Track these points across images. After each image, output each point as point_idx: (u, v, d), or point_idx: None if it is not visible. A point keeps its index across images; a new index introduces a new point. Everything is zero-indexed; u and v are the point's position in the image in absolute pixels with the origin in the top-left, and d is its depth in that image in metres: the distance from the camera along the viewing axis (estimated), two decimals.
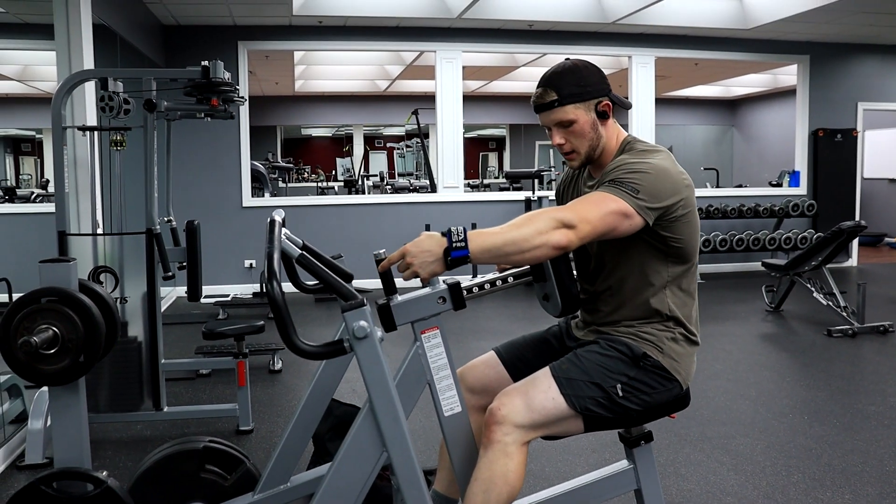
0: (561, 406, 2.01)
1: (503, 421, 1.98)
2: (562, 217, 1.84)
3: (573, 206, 1.90)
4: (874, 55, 9.90)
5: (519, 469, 1.99)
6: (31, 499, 2.11)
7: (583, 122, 2.08)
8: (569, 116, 2.07)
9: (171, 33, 8.15)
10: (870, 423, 3.99)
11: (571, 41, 8.89)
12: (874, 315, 6.38)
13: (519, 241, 1.82)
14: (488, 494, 1.96)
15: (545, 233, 1.82)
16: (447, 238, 1.81)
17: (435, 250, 1.82)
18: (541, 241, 1.82)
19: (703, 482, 3.27)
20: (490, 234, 1.84)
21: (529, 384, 2.05)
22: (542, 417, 2.01)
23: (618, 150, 2.15)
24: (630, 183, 1.93)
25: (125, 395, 4.00)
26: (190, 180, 7.96)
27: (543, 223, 1.83)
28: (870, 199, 12.36)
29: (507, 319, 6.82)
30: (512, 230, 1.84)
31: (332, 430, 3.21)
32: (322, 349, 1.78)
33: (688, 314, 2.15)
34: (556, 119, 2.09)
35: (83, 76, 4.01)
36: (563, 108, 2.06)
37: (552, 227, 1.83)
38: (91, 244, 4.07)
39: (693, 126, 16.08)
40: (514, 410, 1.99)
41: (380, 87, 13.99)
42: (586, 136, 2.09)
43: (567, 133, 2.10)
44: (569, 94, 2.06)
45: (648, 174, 1.96)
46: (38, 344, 1.96)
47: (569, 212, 1.86)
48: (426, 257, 1.82)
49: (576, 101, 2.07)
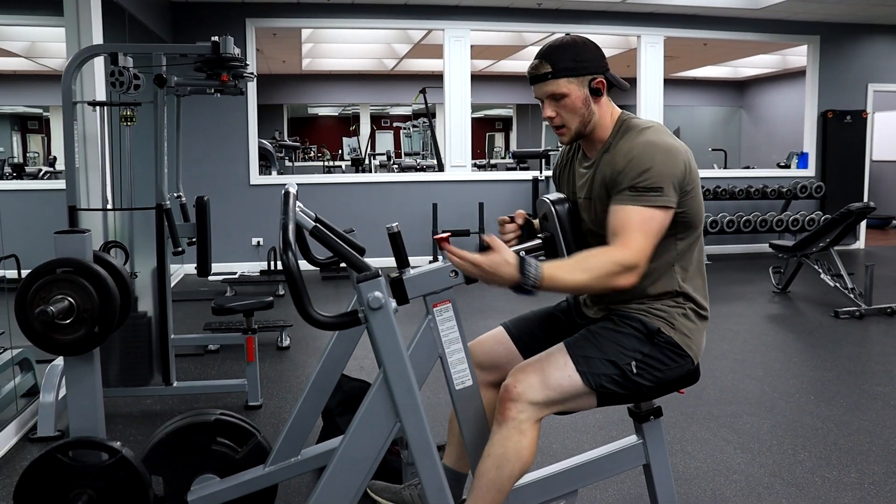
0: (577, 383, 2.03)
1: (518, 398, 2.00)
2: (623, 261, 1.93)
3: (626, 240, 1.95)
4: (885, 36, 9.82)
5: (532, 446, 2.01)
6: (48, 467, 2.13)
7: (575, 97, 2.08)
8: (561, 90, 2.07)
9: (178, 10, 8.12)
10: (876, 404, 4.00)
11: (580, 20, 8.84)
12: (881, 297, 6.38)
13: (585, 288, 1.99)
14: (501, 470, 1.99)
15: (610, 279, 1.94)
16: (522, 275, 1.87)
17: (506, 279, 1.89)
18: (608, 285, 1.95)
19: (709, 460, 3.28)
20: (560, 279, 1.91)
21: (545, 361, 2.06)
22: (558, 394, 2.02)
23: (613, 130, 2.14)
24: (653, 187, 1.97)
25: (135, 370, 4.03)
26: (198, 157, 7.97)
27: (607, 270, 1.93)
28: (878, 182, 12.30)
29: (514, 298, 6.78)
30: (579, 273, 1.92)
31: (342, 404, 3.24)
32: (336, 319, 1.79)
33: (697, 289, 2.16)
34: (548, 91, 2.09)
35: (94, 51, 4.01)
36: (557, 80, 2.07)
37: (615, 273, 1.93)
38: (101, 219, 4.09)
39: (701, 107, 16.00)
40: (530, 387, 2.01)
41: (387, 66, 13.93)
42: (577, 111, 2.09)
43: (558, 106, 2.10)
44: (563, 67, 2.06)
45: (658, 163, 1.98)
46: (55, 314, 1.98)
47: (627, 251, 1.94)
48: (495, 280, 1.89)
49: (569, 76, 2.06)
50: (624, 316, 2.14)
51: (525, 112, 16.55)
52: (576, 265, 1.93)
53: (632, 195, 1.98)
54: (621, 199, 1.99)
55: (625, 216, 1.97)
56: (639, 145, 2.02)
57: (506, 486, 2.01)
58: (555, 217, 2.00)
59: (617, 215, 1.99)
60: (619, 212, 1.99)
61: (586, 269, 1.92)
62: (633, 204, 1.97)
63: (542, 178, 8.72)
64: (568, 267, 1.93)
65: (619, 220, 1.98)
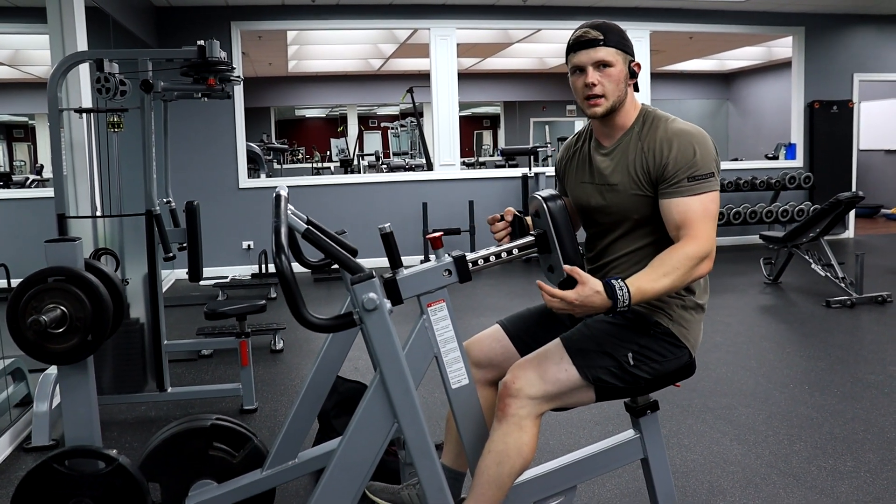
0: (573, 377, 2.03)
1: (517, 394, 2.01)
2: (697, 254, 1.98)
3: (694, 232, 2.00)
4: (869, 26, 9.87)
5: (532, 442, 2.02)
6: (44, 477, 2.12)
7: (619, 71, 2.12)
8: (610, 58, 2.10)
9: (163, 14, 8.09)
10: (870, 392, 4.01)
11: (565, 16, 8.84)
12: (872, 285, 6.41)
13: (672, 289, 1.99)
14: (501, 467, 1.99)
15: (690, 274, 1.98)
16: (613, 300, 1.90)
17: (599, 308, 1.92)
18: (690, 281, 2.01)
19: (706, 452, 3.29)
20: (648, 290, 1.95)
21: (542, 356, 2.07)
22: (556, 389, 2.03)
23: (637, 117, 2.18)
24: (705, 174, 2.03)
25: (129, 377, 4.01)
26: (186, 162, 7.94)
27: (686, 266, 1.97)
28: (866, 171, 12.37)
29: (506, 295, 6.83)
30: (662, 279, 1.96)
31: (337, 406, 3.23)
32: (332, 322, 1.78)
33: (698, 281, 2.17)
34: (596, 57, 2.10)
35: (79, 57, 3.98)
36: (608, 48, 2.10)
37: (693, 267, 1.98)
38: (91, 226, 4.07)
39: (688, 100, 16.04)
40: (529, 383, 2.02)
41: (373, 67, 13.91)
42: (619, 84, 2.12)
43: (602, 75, 2.11)
44: (614, 40, 2.11)
45: (700, 149, 2.05)
46: (47, 323, 1.97)
47: (698, 242, 1.99)
48: (589, 311, 1.94)
49: (619, 48, 2.11)
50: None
51: (512, 109, 16.55)
52: (656, 271, 1.96)
53: (689, 185, 2.02)
54: (678, 191, 2.03)
55: (686, 208, 2.02)
56: (676, 135, 2.07)
57: (506, 482, 2.01)
58: (547, 213, 2.00)
59: (678, 208, 2.03)
60: (679, 205, 2.02)
61: (667, 273, 1.96)
62: (692, 194, 2.02)
63: (532, 175, 8.73)
64: (650, 277, 1.96)
65: (681, 213, 2.02)
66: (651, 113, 2.18)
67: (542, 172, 8.69)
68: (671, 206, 2.04)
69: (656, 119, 2.15)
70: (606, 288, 1.90)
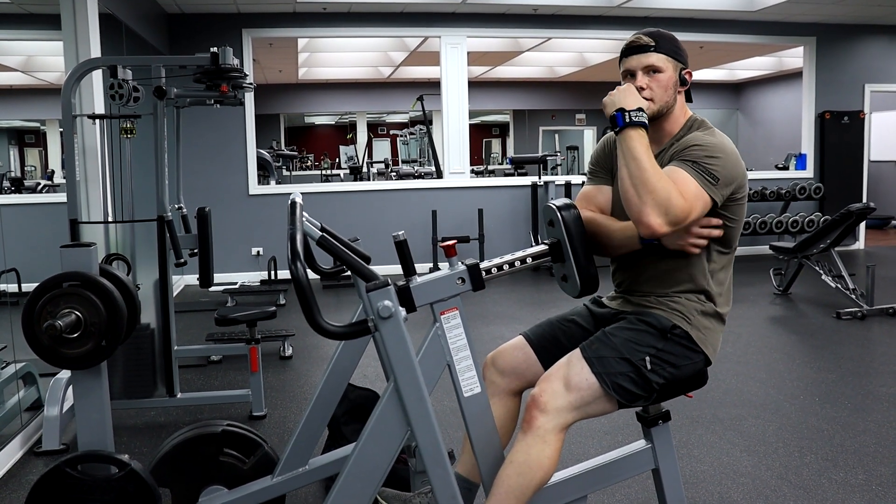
0: (594, 385, 2.04)
1: (544, 407, 2.01)
2: (673, 206, 1.91)
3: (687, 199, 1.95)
4: (881, 36, 9.85)
5: (555, 456, 2.02)
6: (57, 481, 2.13)
7: (668, 77, 2.15)
8: (660, 64, 2.14)
9: (174, 22, 8.14)
10: (881, 405, 3.99)
11: (577, 25, 8.86)
12: (883, 297, 6.38)
13: (642, 174, 1.93)
14: (522, 478, 1.99)
15: (652, 200, 1.91)
16: (637, 109, 2.01)
17: (624, 100, 2.02)
18: (643, 201, 1.92)
19: (716, 463, 3.28)
20: (643, 147, 1.96)
21: (565, 367, 2.08)
22: (580, 400, 2.04)
23: (685, 125, 2.21)
24: (713, 174, 2.01)
25: (139, 382, 4.02)
26: (196, 168, 7.97)
27: (663, 194, 1.91)
28: (877, 182, 12.32)
29: (515, 304, 6.83)
30: (653, 166, 1.94)
31: (348, 413, 3.22)
32: (347, 329, 1.79)
33: (720, 290, 2.19)
34: (647, 62, 2.14)
35: (93, 64, 4.01)
36: (659, 54, 2.15)
37: (659, 206, 1.91)
38: (103, 232, 4.08)
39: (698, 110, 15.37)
40: (555, 395, 2.02)
41: (383, 74, 13.95)
42: (667, 91, 2.15)
43: (651, 80, 2.15)
44: (665, 47, 2.16)
45: (725, 160, 2.04)
46: (62, 328, 1.97)
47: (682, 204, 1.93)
48: (617, 97, 2.04)
49: (670, 55, 2.16)
50: (640, 313, 2.16)
51: (522, 117, 16.56)
52: (655, 164, 1.96)
53: (693, 167, 2.01)
54: (683, 166, 2.02)
55: (684, 179, 1.99)
56: (713, 141, 2.08)
57: (526, 494, 2.01)
58: (561, 223, 2.00)
59: (677, 174, 2.00)
60: (680, 173, 2.00)
61: (657, 169, 1.95)
62: (693, 176, 2.00)
63: (541, 184, 8.73)
64: (650, 157, 1.96)
65: (677, 178, 1.99)
66: (698, 121, 2.21)
67: (552, 181, 8.70)
68: (671, 170, 2.02)
69: (702, 127, 2.18)
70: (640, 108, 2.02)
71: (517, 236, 8.85)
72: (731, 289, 2.24)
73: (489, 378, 2.33)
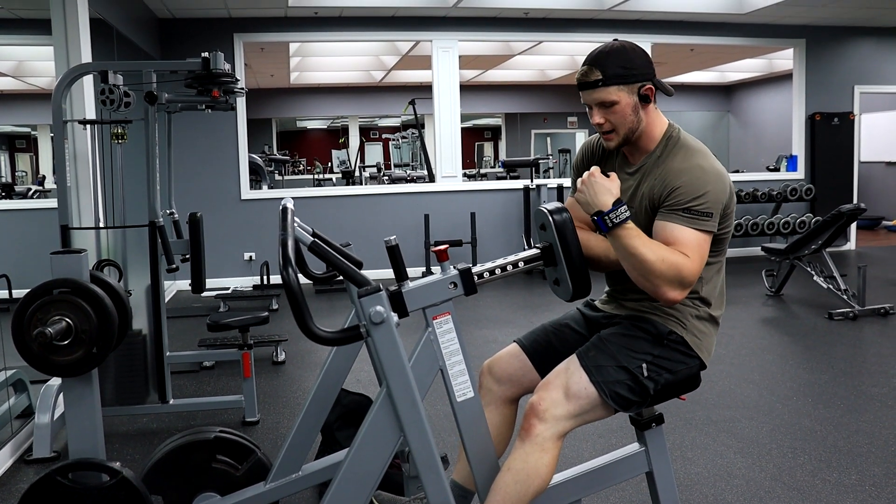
0: (592, 394, 2.04)
1: (543, 415, 2.01)
2: (686, 275, 1.95)
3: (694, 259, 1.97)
4: (870, 38, 9.89)
5: (552, 464, 2.02)
6: (48, 490, 2.11)
7: (624, 105, 2.08)
8: (611, 97, 2.07)
9: (166, 26, 8.12)
10: (874, 405, 4.00)
11: (567, 29, 8.88)
12: (875, 297, 6.41)
13: (644, 265, 1.94)
14: (519, 486, 1.99)
15: (664, 281, 1.94)
16: (614, 206, 1.97)
17: (597, 201, 1.99)
18: (657, 285, 1.95)
19: (710, 465, 3.28)
20: (635, 238, 1.96)
21: (564, 375, 2.08)
22: (578, 408, 2.04)
23: (662, 140, 2.15)
24: (706, 212, 2.00)
25: (131, 389, 4.00)
26: (188, 173, 7.94)
27: (671, 272, 1.94)
28: (867, 183, 12.37)
29: (508, 308, 6.82)
30: (650, 250, 1.95)
31: (341, 419, 3.21)
32: (338, 335, 1.78)
33: (713, 294, 2.18)
34: (598, 98, 2.09)
35: (84, 69, 4.00)
36: (607, 88, 2.06)
37: (673, 281, 1.94)
38: (94, 238, 4.07)
39: (689, 112, 16.07)
40: (554, 404, 2.03)
41: (375, 78, 13.95)
42: (627, 118, 2.09)
43: (608, 113, 2.10)
44: (614, 74, 2.06)
45: (711, 190, 2.01)
46: (53, 335, 1.96)
47: (692, 267, 1.96)
48: (590, 197, 2.01)
49: (620, 83, 2.06)
50: (635, 318, 2.16)
51: (514, 120, 16.58)
52: (653, 244, 1.97)
53: (685, 217, 1.99)
54: (675, 218, 2.00)
55: (681, 235, 1.99)
56: (693, 169, 2.04)
57: (523, 502, 2.01)
58: (553, 226, 2.00)
59: (672, 232, 1.99)
60: (675, 229, 1.99)
61: (657, 253, 1.94)
62: (688, 226, 1.99)
63: (533, 187, 8.73)
64: (646, 239, 1.97)
65: (674, 236, 1.99)
66: (675, 137, 2.15)
67: (544, 184, 8.70)
68: (665, 227, 2.01)
69: (679, 146, 2.12)
70: (616, 200, 1.98)
71: (510, 240, 8.85)
72: (724, 291, 2.24)
73: (486, 386, 2.33)
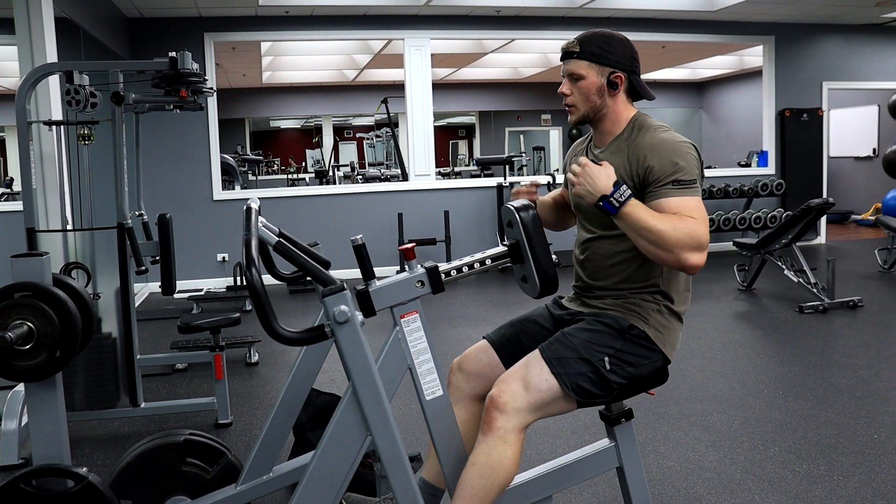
0: (553, 386, 2.05)
1: (503, 408, 2.02)
2: (701, 235, 1.96)
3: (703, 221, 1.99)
4: (838, 35, 10.01)
5: (516, 456, 2.03)
6: (11, 497, 2.08)
7: (590, 83, 2.16)
8: (580, 71, 2.16)
9: (135, 26, 8.04)
10: (842, 396, 4.05)
11: (539, 26, 8.90)
12: (844, 291, 6.48)
13: (660, 235, 1.94)
14: (485, 480, 2.00)
15: (684, 247, 1.94)
16: (615, 187, 1.99)
17: (598, 187, 2.00)
18: (676, 252, 1.94)
19: (682, 459, 3.30)
20: (642, 212, 1.97)
21: (524, 368, 2.08)
22: (539, 400, 2.04)
23: (628, 125, 2.20)
24: (691, 180, 2.04)
25: (101, 393, 3.96)
26: (159, 174, 7.88)
27: (687, 237, 1.94)
28: (836, 178, 12.52)
29: (483, 305, 6.83)
30: (660, 221, 1.96)
31: (313, 419, 3.20)
32: (303, 335, 1.77)
33: (678, 290, 2.20)
34: (569, 69, 2.18)
35: (48, 69, 3.94)
36: (579, 61, 2.16)
37: (691, 245, 1.94)
38: (61, 240, 4.02)
39: (661, 109, 16.15)
40: (514, 396, 2.03)
41: (348, 77, 13.91)
42: (590, 96, 2.17)
43: (574, 86, 2.18)
44: (589, 51, 2.15)
45: (686, 159, 2.05)
46: (13, 340, 1.93)
47: (704, 229, 1.97)
48: (591, 183, 2.01)
49: (592, 60, 2.15)
50: (597, 315, 2.17)
51: (487, 119, 16.59)
52: (661, 214, 1.98)
53: (676, 188, 2.02)
54: (666, 192, 2.03)
55: (680, 203, 2.01)
56: (663, 143, 2.09)
57: (489, 496, 2.01)
58: (519, 223, 2.00)
59: (670, 203, 2.01)
60: (671, 201, 2.02)
61: (668, 222, 1.95)
62: (682, 195, 2.02)
63: (507, 185, 8.75)
64: (651, 213, 1.98)
65: (674, 206, 2.01)
66: (641, 120, 2.20)
67: (518, 182, 8.71)
68: (662, 204, 2.03)
69: (646, 127, 2.17)
70: (615, 182, 1.99)
71: (483, 237, 8.86)
72: (689, 287, 2.25)
73: (455, 384, 2.33)
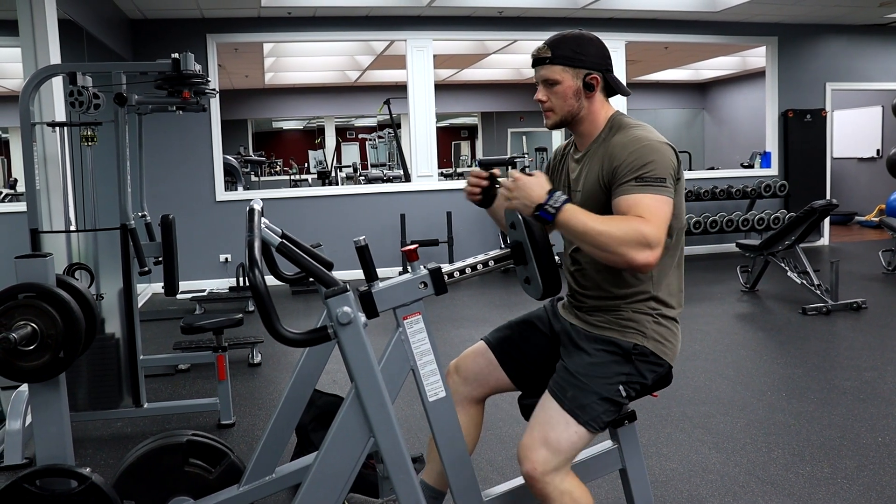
0: (584, 434, 2.05)
1: (543, 477, 2.00)
2: (646, 233, 1.86)
3: (650, 217, 1.90)
4: (841, 35, 9.99)
5: (579, 489, 2.05)
6: (15, 497, 2.08)
7: (566, 87, 2.13)
8: (555, 76, 2.12)
9: (138, 27, 8.05)
10: (846, 399, 4.04)
11: (541, 27, 8.89)
12: (847, 292, 6.47)
13: (601, 237, 1.87)
14: None
15: (628, 247, 1.86)
16: (549, 195, 1.92)
17: (532, 197, 1.93)
18: (621, 253, 1.87)
19: (685, 461, 3.30)
20: (580, 216, 1.91)
21: (546, 426, 2.05)
22: (572, 451, 2.05)
23: (605, 127, 2.17)
24: (657, 177, 1.97)
25: (104, 393, 3.96)
26: (162, 175, 7.89)
27: (630, 233, 1.86)
28: (840, 179, 12.50)
29: (485, 306, 6.83)
30: (602, 224, 1.89)
31: (315, 420, 3.20)
32: (306, 336, 1.77)
33: (671, 291, 2.15)
34: (543, 75, 2.15)
35: (52, 71, 3.95)
36: (552, 66, 2.12)
37: (636, 243, 1.86)
38: (65, 241, 4.02)
39: (664, 110, 16.16)
40: (545, 462, 2.01)
41: (350, 78, 13.91)
42: (567, 100, 2.14)
43: (550, 92, 2.15)
44: (561, 55, 2.12)
45: (657, 157, 2.00)
46: (17, 340, 1.93)
47: (650, 225, 1.88)
48: (524, 195, 1.95)
49: (565, 65, 2.12)
50: (595, 339, 2.13)
51: (490, 119, 16.60)
52: (601, 216, 1.93)
53: (637, 185, 1.96)
54: (627, 188, 1.97)
55: (635, 201, 1.94)
56: (635, 140, 2.04)
57: None
58: (522, 225, 2.00)
59: (626, 201, 1.95)
60: (628, 198, 1.95)
61: (607, 222, 1.89)
62: (642, 192, 1.95)
63: None
64: (591, 216, 1.92)
65: (628, 204, 1.95)
66: (619, 121, 2.17)
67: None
68: (619, 201, 1.98)
69: (622, 126, 2.14)
70: (549, 191, 1.93)
71: (486, 238, 8.86)
72: (681, 286, 2.20)
73: (452, 387, 2.30)
